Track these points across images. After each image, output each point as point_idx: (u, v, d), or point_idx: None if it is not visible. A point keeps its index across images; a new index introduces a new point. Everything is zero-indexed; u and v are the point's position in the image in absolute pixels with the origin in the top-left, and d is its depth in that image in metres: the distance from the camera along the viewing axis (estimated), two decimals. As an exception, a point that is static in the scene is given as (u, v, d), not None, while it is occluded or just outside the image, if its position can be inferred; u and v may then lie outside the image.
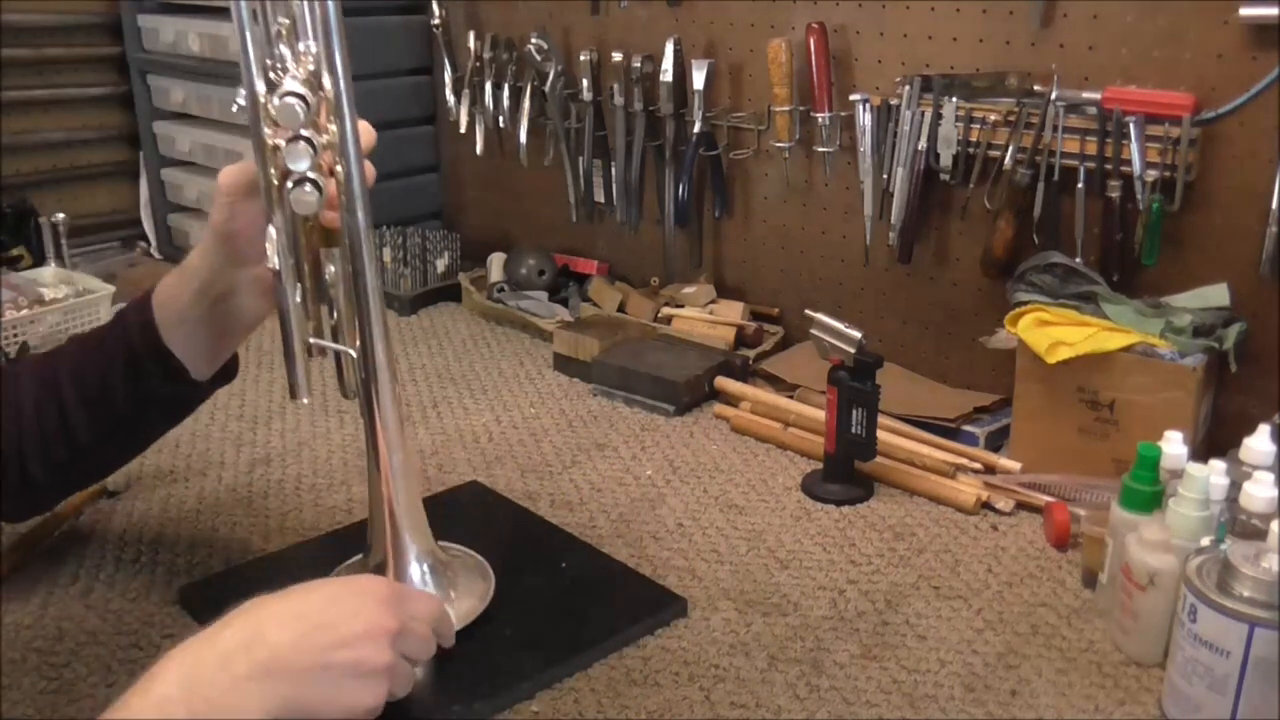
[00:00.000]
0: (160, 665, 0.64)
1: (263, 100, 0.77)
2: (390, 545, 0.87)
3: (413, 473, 0.88)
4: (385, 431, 0.85)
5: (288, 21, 0.78)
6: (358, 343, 0.83)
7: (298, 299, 0.82)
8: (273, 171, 0.78)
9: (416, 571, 0.88)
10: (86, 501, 1.09)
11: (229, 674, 0.65)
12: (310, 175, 0.77)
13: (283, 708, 0.66)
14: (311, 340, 0.84)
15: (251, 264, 0.86)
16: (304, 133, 0.76)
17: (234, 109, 0.79)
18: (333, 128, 0.78)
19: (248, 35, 0.77)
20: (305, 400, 0.85)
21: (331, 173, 0.79)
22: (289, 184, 0.77)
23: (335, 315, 0.85)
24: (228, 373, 0.96)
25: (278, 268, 0.80)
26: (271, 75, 0.78)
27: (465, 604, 0.89)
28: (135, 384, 0.89)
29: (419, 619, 0.76)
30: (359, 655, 0.70)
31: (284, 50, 0.78)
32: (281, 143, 0.77)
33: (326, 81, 0.77)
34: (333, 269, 0.84)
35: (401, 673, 0.74)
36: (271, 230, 0.79)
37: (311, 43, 0.77)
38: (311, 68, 0.77)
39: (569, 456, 1.23)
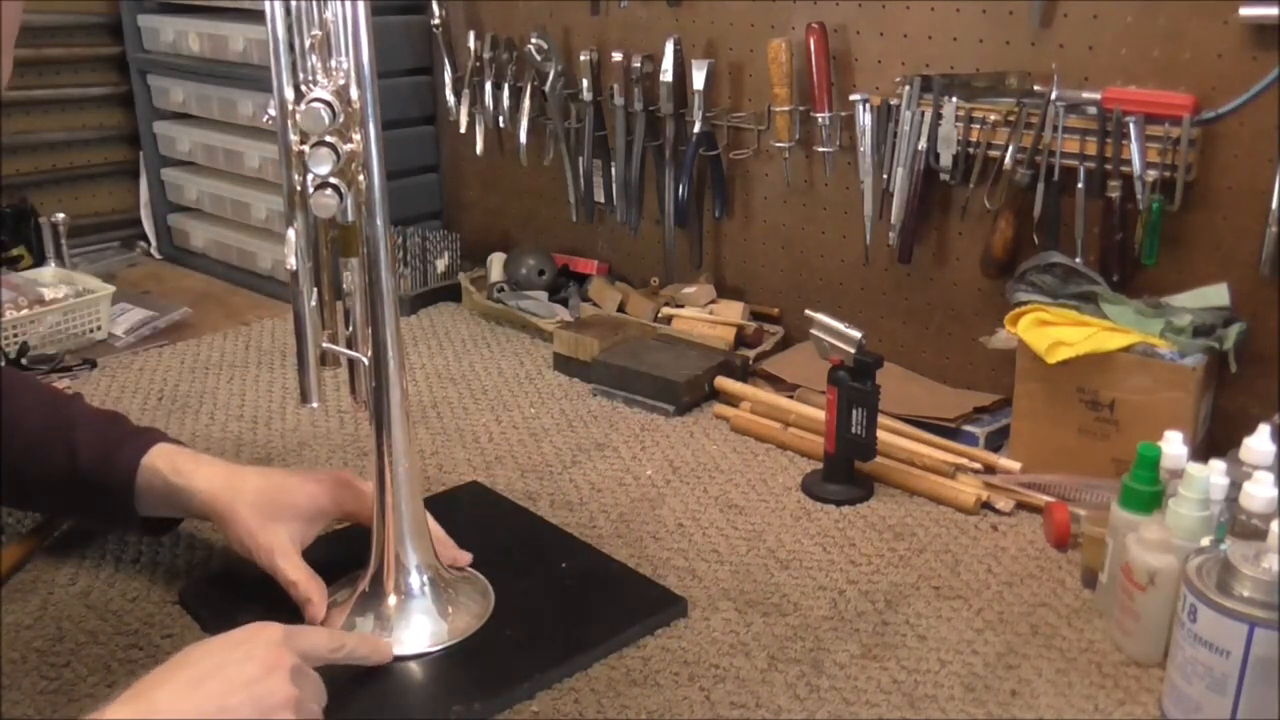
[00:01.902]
0: None
1: (290, 107, 0.78)
2: (391, 555, 0.87)
3: (417, 481, 0.88)
4: (392, 440, 0.85)
5: (320, 34, 0.79)
6: (370, 351, 0.84)
7: (313, 303, 0.82)
8: (296, 176, 0.79)
9: (416, 581, 0.89)
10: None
11: None
12: (332, 180, 0.78)
13: None
14: (325, 346, 0.84)
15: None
16: (328, 139, 0.77)
17: (265, 120, 0.80)
18: (357, 137, 0.79)
19: (280, 43, 0.78)
20: (315, 405, 0.85)
21: (353, 182, 0.80)
22: (310, 188, 0.79)
23: (351, 326, 0.85)
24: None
25: (295, 269, 0.80)
26: (302, 87, 0.79)
27: (462, 620, 0.89)
28: (92, 503, 0.96)
29: (312, 656, 0.75)
30: (256, 694, 0.68)
31: (315, 62, 0.79)
32: (306, 148, 0.78)
33: (354, 93, 0.78)
34: (349, 277, 0.84)
35: (311, 714, 0.72)
36: (290, 233, 0.80)
37: (342, 58, 0.78)
38: (342, 81, 0.78)
39: (569, 456, 1.23)
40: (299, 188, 0.80)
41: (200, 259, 1.96)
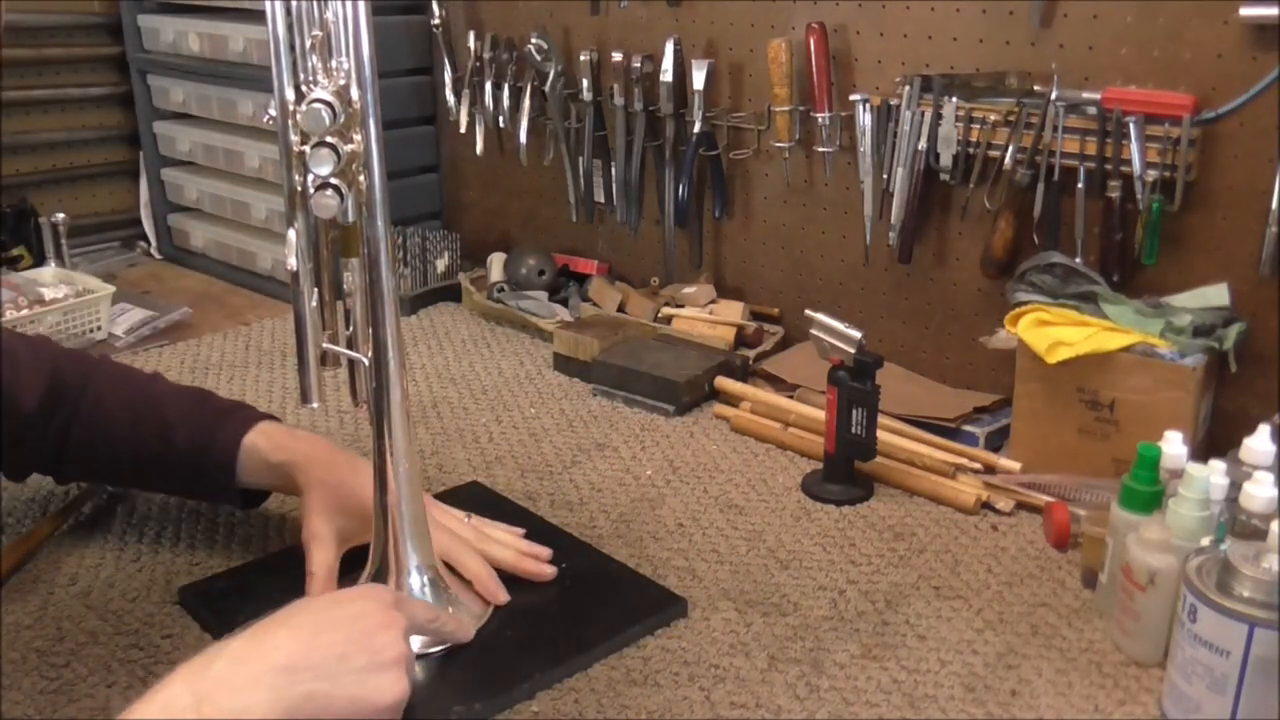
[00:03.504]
0: (167, 678, 0.64)
1: (291, 107, 0.78)
2: (392, 555, 0.88)
3: (417, 482, 0.88)
4: (393, 441, 0.85)
5: (320, 34, 0.79)
6: (370, 352, 0.84)
7: (314, 303, 0.82)
8: (297, 176, 0.79)
9: (416, 582, 0.89)
10: (85, 500, 1.09)
11: (240, 675, 0.64)
12: (333, 181, 0.78)
13: (300, 707, 0.65)
14: (325, 346, 0.84)
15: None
16: (328, 139, 0.77)
17: (266, 120, 0.81)
18: (358, 137, 0.79)
19: (281, 43, 0.78)
20: (315, 405, 0.85)
21: (354, 184, 0.80)
22: (311, 188, 0.78)
23: (351, 326, 0.85)
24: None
25: (295, 269, 0.80)
26: (303, 87, 0.79)
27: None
28: (192, 482, 1.00)
29: (415, 622, 0.77)
30: (373, 647, 0.70)
31: (316, 62, 0.79)
32: (307, 148, 0.78)
33: (355, 94, 0.78)
34: (350, 277, 0.84)
35: (413, 672, 0.74)
36: (291, 233, 0.80)
37: (343, 58, 0.78)
38: (343, 82, 0.78)
39: (569, 456, 1.23)
40: (299, 188, 0.80)
41: (200, 259, 1.96)
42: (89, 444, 0.99)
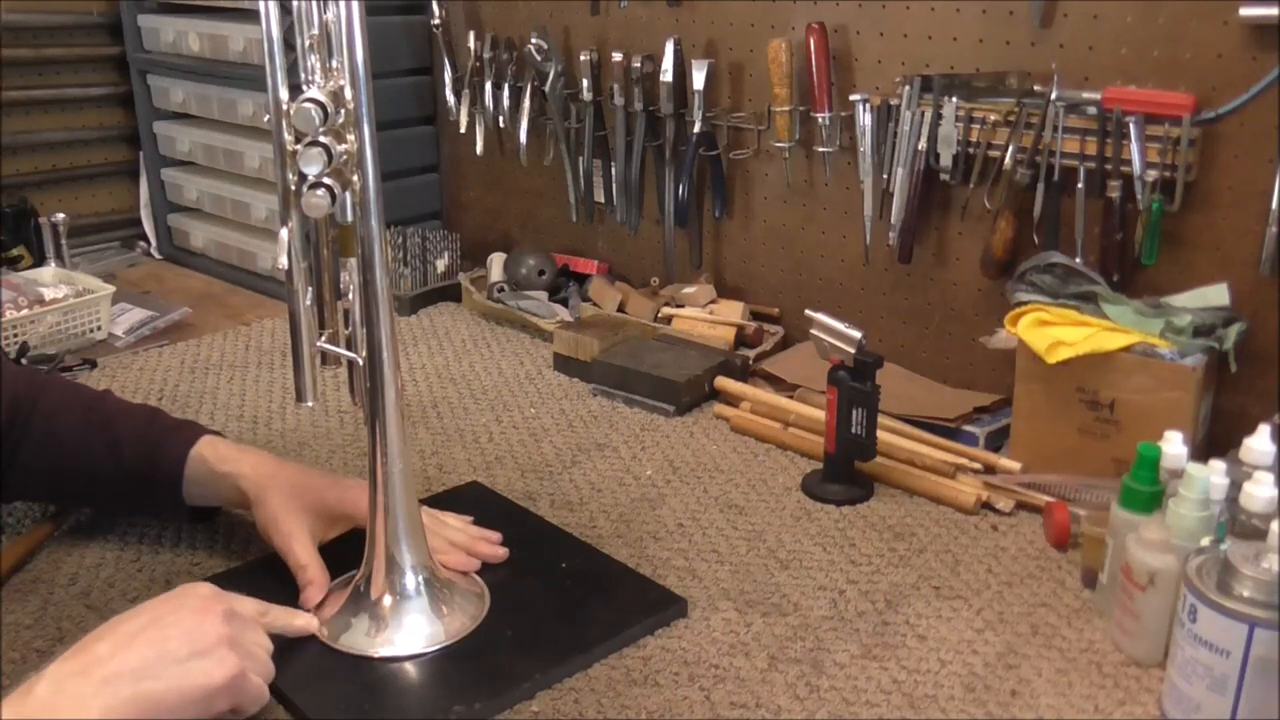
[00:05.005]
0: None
1: (285, 106, 0.78)
2: (386, 555, 0.88)
3: (412, 483, 0.88)
4: (387, 442, 0.85)
5: (317, 34, 0.78)
6: (364, 351, 0.84)
7: (308, 302, 0.82)
8: (290, 175, 0.79)
9: (412, 581, 0.89)
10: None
11: (63, 695, 0.66)
12: (325, 180, 0.78)
13: (130, 711, 0.67)
14: (320, 345, 0.84)
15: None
16: (321, 139, 0.77)
17: (265, 120, 0.82)
18: (351, 137, 0.79)
19: (276, 43, 0.78)
20: (311, 404, 0.85)
21: (348, 184, 0.80)
22: (303, 188, 0.79)
23: (351, 326, 0.85)
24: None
25: (288, 268, 0.80)
26: (303, 87, 0.79)
27: (457, 621, 0.89)
28: (140, 497, 1.01)
29: (239, 612, 0.79)
30: (191, 635, 0.72)
31: (314, 62, 0.79)
32: (299, 147, 0.78)
33: (348, 94, 0.78)
34: (346, 277, 0.84)
35: (254, 656, 0.76)
36: (284, 232, 0.80)
37: (339, 57, 0.78)
38: (342, 82, 0.78)
39: (569, 456, 1.23)
40: (293, 188, 0.80)
41: (200, 259, 1.96)
42: (36, 462, 0.98)
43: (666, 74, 1.49)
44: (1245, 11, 1.06)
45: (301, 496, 0.95)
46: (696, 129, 1.49)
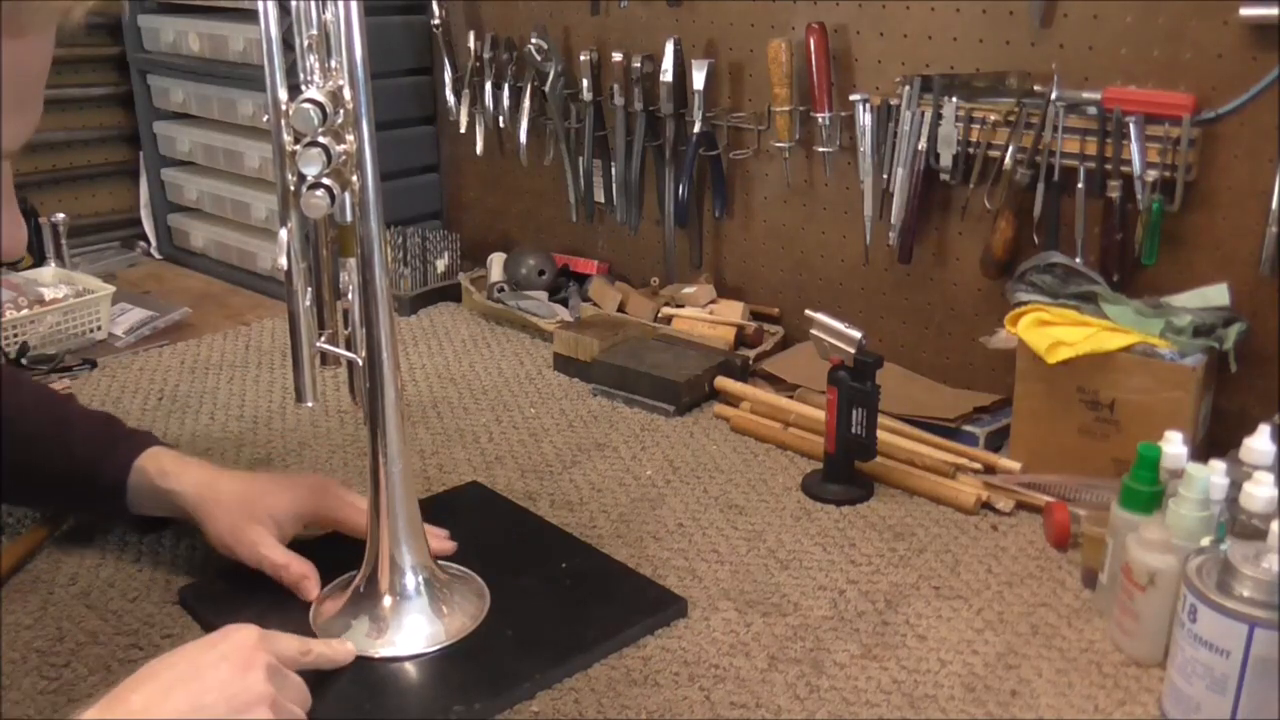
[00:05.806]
0: None
1: (284, 106, 0.78)
2: (386, 556, 0.88)
3: (412, 483, 0.88)
4: (387, 442, 0.85)
5: (316, 34, 0.78)
6: (364, 351, 0.84)
7: (307, 302, 0.82)
8: (290, 176, 0.80)
9: (411, 582, 0.89)
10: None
11: None
12: (324, 181, 0.78)
13: None
14: (320, 345, 0.84)
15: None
16: (320, 139, 0.77)
17: (265, 120, 0.82)
18: (350, 138, 0.79)
19: (274, 43, 0.78)
20: (311, 404, 0.85)
21: (347, 184, 0.80)
22: (303, 188, 0.79)
23: (351, 326, 0.85)
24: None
25: (287, 268, 0.80)
26: (303, 87, 0.79)
27: (457, 621, 0.89)
28: (84, 501, 1.00)
29: (285, 659, 0.76)
30: (230, 692, 0.69)
31: (314, 62, 0.79)
32: (298, 147, 0.78)
33: (347, 94, 0.78)
34: (346, 278, 0.84)
35: (286, 710, 0.72)
36: (283, 233, 0.80)
37: (338, 57, 0.78)
38: (341, 82, 0.78)
39: (569, 456, 1.23)
40: (292, 188, 0.80)
41: (200, 259, 1.96)
42: None
43: (666, 74, 1.49)
44: (1245, 11, 1.06)
45: (250, 506, 0.94)
46: (696, 129, 1.49)
